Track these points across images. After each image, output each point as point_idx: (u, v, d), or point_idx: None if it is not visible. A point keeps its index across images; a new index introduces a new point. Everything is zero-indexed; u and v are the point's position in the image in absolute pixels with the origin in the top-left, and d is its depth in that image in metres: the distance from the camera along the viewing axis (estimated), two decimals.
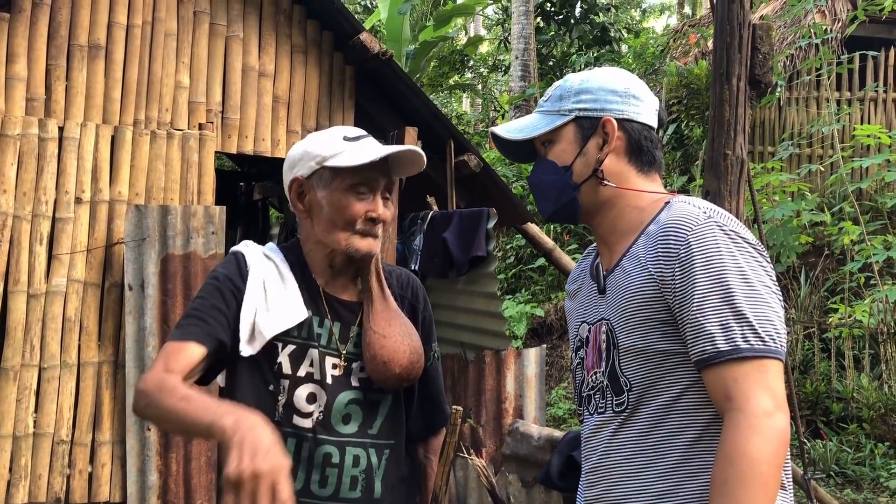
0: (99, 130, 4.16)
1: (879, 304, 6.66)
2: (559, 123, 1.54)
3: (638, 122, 1.53)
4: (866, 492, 5.66)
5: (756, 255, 1.38)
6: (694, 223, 1.38)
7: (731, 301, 1.32)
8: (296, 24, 4.73)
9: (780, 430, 1.28)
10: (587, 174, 1.51)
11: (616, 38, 13.97)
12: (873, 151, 8.30)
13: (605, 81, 1.54)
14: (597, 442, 1.52)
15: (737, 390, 1.29)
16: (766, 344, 1.31)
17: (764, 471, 1.25)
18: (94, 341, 4.07)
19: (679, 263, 1.37)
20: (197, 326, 1.62)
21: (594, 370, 1.54)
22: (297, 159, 1.74)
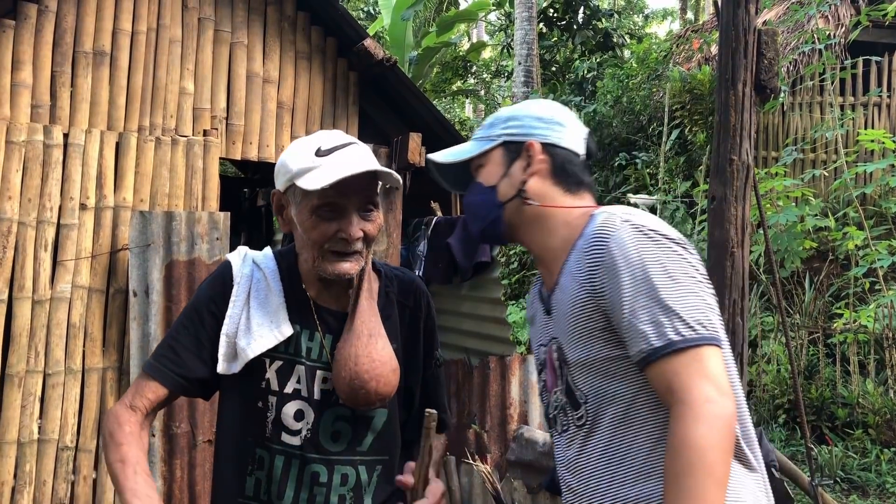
0: (104, 137, 4.17)
1: (884, 309, 6.64)
2: (487, 147, 1.62)
3: (562, 147, 1.60)
4: (872, 497, 5.64)
5: (677, 249, 1.41)
6: (613, 230, 1.42)
7: (656, 297, 1.35)
8: (300, 31, 4.74)
9: (723, 415, 1.28)
10: (511, 194, 1.58)
11: (619, 44, 14.00)
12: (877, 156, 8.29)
13: (532, 110, 1.64)
14: (567, 460, 1.54)
15: (677, 383, 1.31)
16: (698, 332, 1.33)
17: (710, 457, 1.25)
18: (98, 347, 4.07)
19: (605, 272, 1.41)
20: (168, 366, 1.65)
21: (554, 390, 1.58)
22: (277, 171, 1.68)
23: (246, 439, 1.69)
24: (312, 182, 1.56)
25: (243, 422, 1.69)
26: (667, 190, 9.48)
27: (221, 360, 1.66)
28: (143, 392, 1.64)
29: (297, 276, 1.73)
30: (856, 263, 7.34)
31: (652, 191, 9.73)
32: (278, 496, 1.65)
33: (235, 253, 1.78)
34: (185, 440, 3.94)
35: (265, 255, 1.77)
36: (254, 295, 1.69)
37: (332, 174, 1.55)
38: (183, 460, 3.96)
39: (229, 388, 1.70)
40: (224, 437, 1.71)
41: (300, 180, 1.58)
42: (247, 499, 1.69)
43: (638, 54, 12.10)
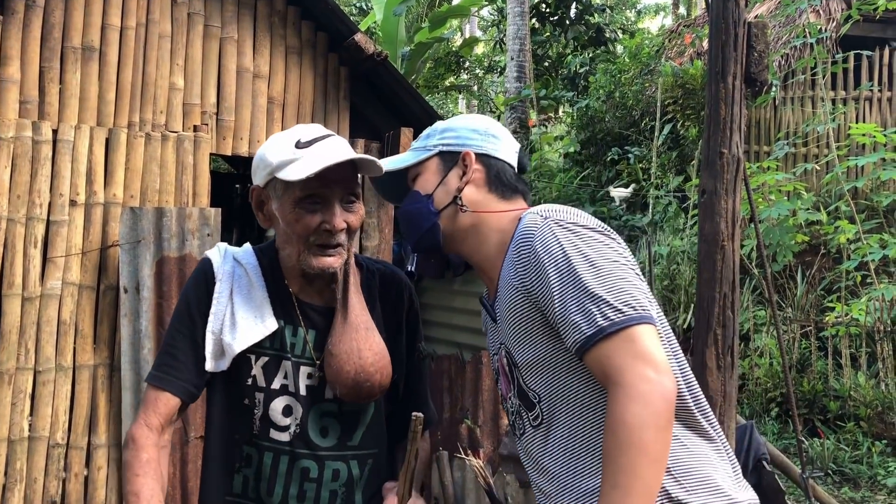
0: (93, 133, 4.15)
1: (876, 302, 6.67)
2: (424, 157, 1.65)
3: (496, 158, 1.64)
4: (864, 490, 5.66)
5: (596, 236, 1.44)
6: (535, 229, 1.46)
7: (582, 287, 1.37)
8: (290, 26, 4.73)
9: (659, 392, 1.29)
10: (447, 201, 1.61)
11: (611, 39, 13.99)
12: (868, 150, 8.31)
13: (468, 123, 1.68)
14: (532, 461, 1.56)
15: (610, 366, 1.33)
16: (625, 314, 1.35)
17: (644, 436, 1.26)
18: (89, 344, 4.06)
19: (533, 270, 1.44)
20: (173, 375, 1.64)
21: (509, 395, 1.60)
22: (255, 166, 1.67)
23: (233, 437, 1.68)
24: (295, 173, 1.55)
25: (231, 419, 1.68)
26: (659, 185, 9.49)
27: (209, 358, 1.65)
28: (156, 407, 1.63)
29: (279, 271, 1.72)
30: (847, 257, 7.37)
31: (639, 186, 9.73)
32: (268, 493, 1.65)
33: (214, 249, 1.77)
34: (178, 436, 3.93)
35: (245, 251, 1.76)
36: (236, 290, 1.68)
37: (316, 164, 1.55)
38: (175, 457, 3.95)
39: (217, 385, 1.69)
40: (212, 435, 1.71)
41: (281, 172, 1.57)
42: (234, 497, 1.68)
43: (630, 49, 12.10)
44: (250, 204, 1.74)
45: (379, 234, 4.74)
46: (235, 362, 1.66)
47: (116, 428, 4.01)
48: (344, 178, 1.63)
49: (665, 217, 9.15)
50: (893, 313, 6.71)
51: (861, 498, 5.52)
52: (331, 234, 1.61)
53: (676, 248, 8.40)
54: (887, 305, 6.61)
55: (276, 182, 1.62)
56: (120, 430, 3.99)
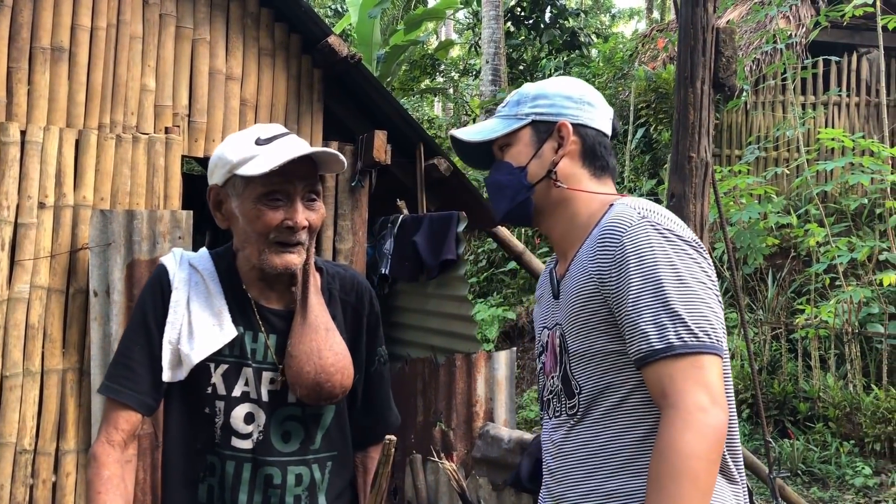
0: (63, 134, 4.10)
1: (844, 304, 6.77)
2: (516, 126, 1.57)
3: (592, 128, 1.57)
4: (832, 490, 5.74)
5: (691, 253, 1.40)
6: (628, 224, 1.41)
7: (663, 299, 1.34)
8: (263, 28, 4.70)
9: (715, 425, 1.28)
10: (541, 175, 1.54)
11: (585, 43, 14.08)
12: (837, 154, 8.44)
13: (561, 88, 1.59)
14: (553, 445, 1.54)
15: (672, 387, 1.31)
16: (700, 340, 1.32)
17: (695, 465, 1.25)
18: (58, 348, 4.00)
19: (615, 265, 1.39)
20: (131, 388, 1.61)
21: (552, 375, 1.57)
22: (213, 166, 1.64)
23: (195, 446, 1.66)
24: (256, 168, 1.53)
25: (192, 429, 1.66)
26: (633, 188, 9.56)
27: (166, 368, 1.62)
28: (116, 423, 1.60)
29: (237, 276, 1.68)
30: (817, 260, 7.48)
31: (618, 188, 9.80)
32: (232, 501, 1.63)
33: (170, 255, 1.73)
34: (148, 441, 3.89)
35: (201, 256, 1.72)
36: (193, 298, 1.65)
37: (277, 158, 1.53)
38: (146, 462, 3.91)
39: (174, 395, 1.66)
40: (172, 445, 1.68)
41: (242, 169, 1.56)
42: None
43: (604, 53, 12.19)
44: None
45: (353, 237, 4.73)
46: (194, 371, 1.63)
47: (86, 433, 3.96)
48: (305, 175, 1.60)
49: None
50: (861, 315, 6.81)
51: (829, 498, 5.60)
52: (292, 231, 1.58)
53: None
54: (855, 308, 6.71)
55: (236, 179, 1.59)
56: (89, 435, 3.94)
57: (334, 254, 4.67)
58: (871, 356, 6.82)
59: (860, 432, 6.18)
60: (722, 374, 1.35)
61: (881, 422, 6.03)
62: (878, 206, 7.96)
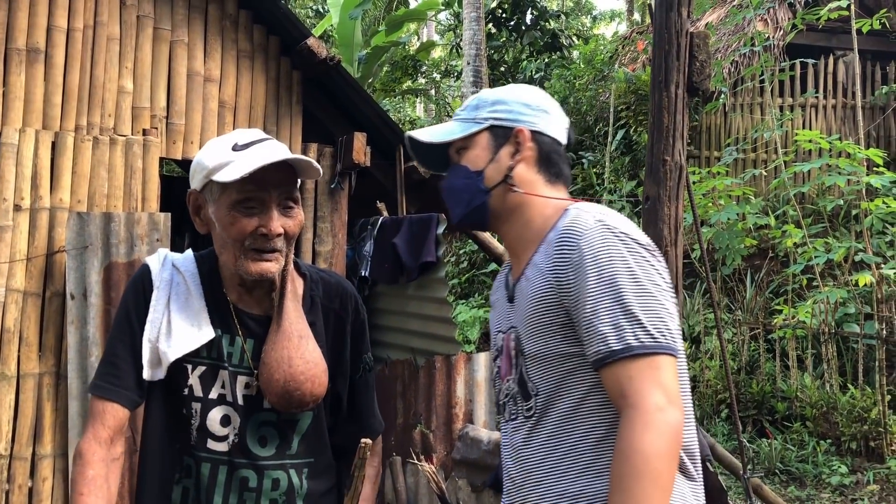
0: (39, 136, 4.06)
1: (821, 305, 6.84)
2: (474, 130, 1.59)
3: (548, 136, 1.60)
4: (809, 488, 5.80)
5: (646, 256, 1.42)
6: (585, 229, 1.43)
7: (621, 301, 1.36)
8: (242, 29, 4.69)
9: (673, 424, 1.31)
10: (498, 179, 1.56)
11: (566, 45, 14.13)
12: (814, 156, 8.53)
13: (519, 96, 1.61)
14: (511, 448, 1.55)
15: (630, 388, 1.33)
16: (657, 340, 1.35)
17: (657, 465, 1.28)
18: (34, 352, 3.97)
19: (573, 268, 1.42)
20: (117, 384, 1.62)
21: (507, 378, 1.58)
22: (193, 170, 1.64)
23: (173, 447, 1.66)
24: (229, 174, 1.53)
25: (169, 429, 1.66)
26: (612, 189, 9.62)
27: (146, 367, 1.63)
28: (103, 419, 1.60)
29: (218, 279, 1.69)
30: (794, 260, 7.55)
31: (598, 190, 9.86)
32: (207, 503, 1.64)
33: (154, 256, 1.74)
34: (126, 446, 3.86)
35: (185, 258, 1.73)
36: (174, 298, 1.66)
37: (250, 164, 1.53)
38: (123, 466, 3.88)
39: (154, 395, 1.66)
40: (149, 445, 1.68)
41: (217, 175, 1.56)
42: None
43: (585, 55, 12.24)
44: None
45: (332, 239, 4.73)
46: (172, 371, 1.63)
47: (62, 438, 3.94)
48: (282, 182, 1.60)
49: None
50: (838, 315, 6.89)
51: (806, 496, 5.66)
52: (267, 238, 1.58)
53: None
54: (832, 308, 6.79)
55: (213, 185, 1.59)
56: (66, 439, 3.91)
57: (313, 256, 4.66)
58: (848, 356, 6.90)
59: (837, 431, 6.24)
60: (677, 373, 1.38)
61: (857, 421, 6.10)
62: (854, 207, 8.05)
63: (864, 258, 6.90)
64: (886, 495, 5.57)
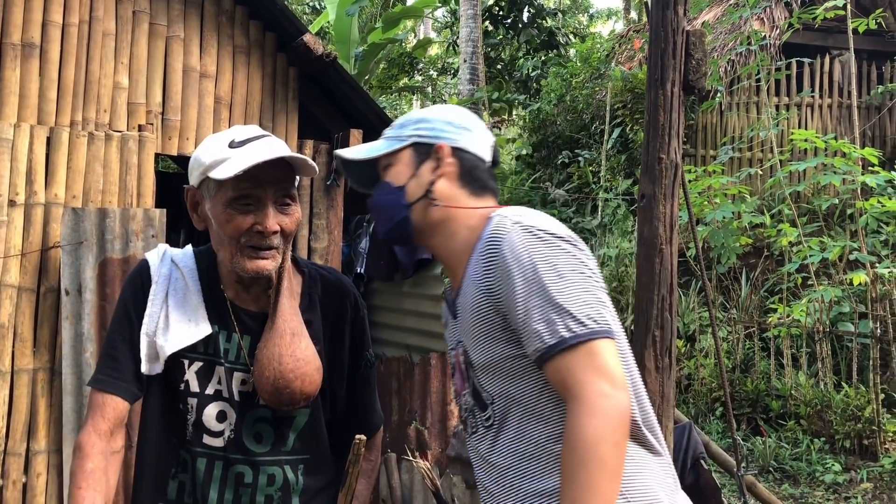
0: (34, 131, 4.05)
1: (815, 303, 6.86)
2: (397, 147, 1.62)
3: (471, 153, 1.62)
4: (803, 486, 5.82)
5: (565, 247, 1.44)
6: (504, 233, 1.46)
7: (547, 296, 1.38)
8: (238, 25, 4.68)
9: (618, 407, 1.32)
10: (419, 194, 1.58)
11: (563, 43, 14.14)
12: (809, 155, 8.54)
13: (443, 115, 1.65)
14: (480, 459, 1.57)
15: (571, 379, 1.34)
16: (588, 327, 1.36)
17: (601, 450, 1.29)
18: (28, 348, 3.96)
19: (499, 274, 1.44)
20: (116, 377, 1.62)
21: (463, 393, 1.61)
22: (190, 167, 1.65)
23: (170, 441, 1.67)
24: (226, 171, 1.53)
25: (166, 424, 1.67)
26: (608, 188, 9.62)
27: (144, 360, 1.64)
28: (103, 412, 1.60)
29: (216, 275, 1.70)
30: (789, 259, 7.57)
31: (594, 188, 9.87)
32: (203, 499, 1.64)
33: (154, 251, 1.75)
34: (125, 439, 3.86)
35: (184, 254, 1.74)
36: (171, 293, 1.66)
37: (245, 162, 1.53)
38: None
39: (152, 389, 1.67)
40: (146, 440, 1.69)
41: (213, 171, 1.56)
42: (168, 502, 1.66)
43: (581, 53, 12.24)
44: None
45: (328, 236, 4.73)
46: (169, 366, 1.64)
47: (57, 433, 3.93)
48: (278, 179, 1.60)
49: (614, 220, 9.29)
50: (832, 314, 6.90)
51: (800, 494, 5.68)
52: (263, 235, 1.58)
53: (625, 251, 8.53)
54: (826, 307, 6.80)
55: (209, 182, 1.59)
56: (60, 435, 3.91)
57: (309, 252, 4.66)
58: (842, 354, 6.92)
59: (830, 429, 6.27)
60: (618, 354, 1.40)
61: (851, 419, 6.12)
62: (849, 206, 8.07)
63: (859, 257, 6.92)
64: (880, 493, 5.59)
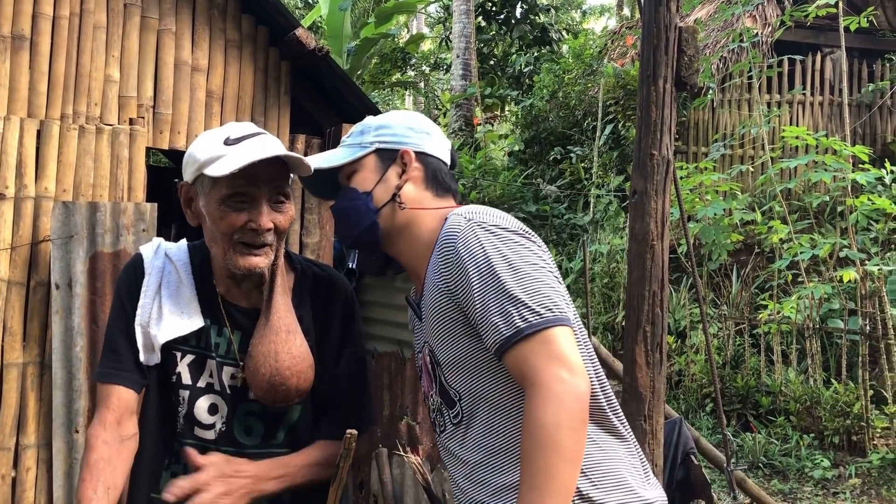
0: (24, 124, 4.03)
1: (806, 300, 6.89)
2: (361, 154, 1.64)
3: (433, 156, 1.66)
4: (792, 482, 5.86)
5: (518, 240, 1.47)
6: (458, 230, 1.48)
7: (502, 289, 1.40)
8: (230, 19, 4.66)
9: (576, 393, 1.33)
10: (386, 199, 1.61)
11: (556, 39, 14.14)
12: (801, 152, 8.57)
13: (402, 120, 1.68)
14: (452, 456, 1.58)
15: (527, 367, 1.36)
16: (543, 316, 1.38)
17: (558, 435, 1.30)
18: (18, 342, 3.94)
19: (456, 271, 1.46)
20: (118, 368, 1.64)
21: (430, 393, 1.63)
22: (185, 163, 1.66)
23: (164, 432, 1.68)
24: (220, 169, 1.53)
25: (160, 415, 1.69)
26: (600, 184, 9.64)
27: (141, 351, 1.66)
28: (108, 402, 1.62)
29: (209, 270, 1.71)
30: (780, 256, 7.60)
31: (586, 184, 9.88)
32: None
33: (149, 244, 1.77)
34: None
35: (178, 248, 1.76)
36: (164, 286, 1.68)
37: (240, 160, 1.53)
38: None
39: (150, 381, 1.69)
40: (143, 431, 1.70)
41: (208, 169, 1.56)
42: (160, 494, 1.67)
43: (574, 50, 12.24)
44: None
45: (320, 231, 4.72)
46: (162, 358, 1.66)
47: (46, 428, 3.92)
48: (273, 177, 1.61)
49: (606, 216, 9.30)
50: (822, 311, 6.94)
51: (789, 490, 5.71)
52: (256, 233, 1.59)
53: (616, 247, 8.55)
54: (816, 304, 6.83)
55: (204, 179, 1.60)
56: (50, 429, 3.89)
57: (301, 247, 4.65)
58: (832, 351, 6.96)
59: (820, 426, 6.30)
60: (575, 342, 1.41)
61: (840, 415, 6.15)
62: (840, 203, 8.11)
63: (849, 254, 6.96)
64: (868, 489, 5.63)
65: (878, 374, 6.50)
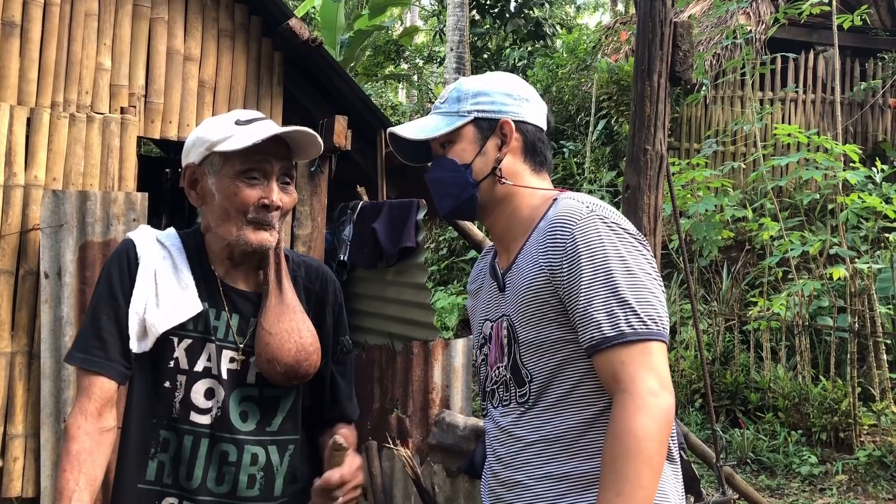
0: (13, 112, 4.00)
1: (795, 297, 6.91)
2: (459, 124, 1.59)
3: (531, 124, 1.62)
4: (780, 478, 5.88)
5: (636, 245, 1.47)
6: (578, 218, 1.46)
7: (614, 289, 1.40)
8: (223, 8, 4.63)
9: (665, 408, 1.35)
10: (486, 172, 1.58)
11: (550, 34, 14.11)
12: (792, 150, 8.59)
13: (501, 86, 1.62)
14: (502, 432, 1.57)
15: (624, 373, 1.37)
16: (649, 327, 1.39)
17: (649, 447, 1.32)
18: (6, 331, 3.92)
19: (566, 257, 1.45)
20: (102, 357, 1.62)
21: (497, 365, 1.61)
22: (190, 146, 1.68)
23: (150, 421, 1.67)
24: (236, 143, 1.57)
25: (149, 403, 1.67)
26: (592, 179, 9.64)
27: (134, 339, 1.64)
28: (90, 393, 1.60)
29: (205, 254, 1.72)
30: (770, 253, 7.62)
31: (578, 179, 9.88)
32: (187, 477, 1.64)
33: (137, 231, 1.75)
34: None
35: (169, 234, 1.75)
36: (160, 271, 1.67)
37: (259, 133, 1.57)
38: None
39: (137, 368, 1.67)
40: (129, 420, 1.68)
41: (221, 146, 1.60)
42: (147, 484, 1.66)
43: (568, 44, 12.23)
44: (181, 188, 1.73)
45: (311, 223, 4.70)
46: (157, 345, 1.64)
47: (34, 417, 3.90)
48: (283, 156, 1.65)
49: None
50: (811, 308, 6.96)
51: (777, 485, 5.74)
52: (268, 209, 1.62)
53: None
54: (806, 301, 6.86)
55: (214, 157, 1.63)
56: (38, 419, 3.87)
57: (292, 239, 4.63)
58: (821, 348, 6.98)
59: (808, 422, 6.33)
60: (667, 359, 1.43)
61: (828, 412, 6.18)
62: (830, 201, 8.13)
63: (839, 252, 6.98)
64: (854, 485, 5.66)
65: (866, 372, 6.53)
